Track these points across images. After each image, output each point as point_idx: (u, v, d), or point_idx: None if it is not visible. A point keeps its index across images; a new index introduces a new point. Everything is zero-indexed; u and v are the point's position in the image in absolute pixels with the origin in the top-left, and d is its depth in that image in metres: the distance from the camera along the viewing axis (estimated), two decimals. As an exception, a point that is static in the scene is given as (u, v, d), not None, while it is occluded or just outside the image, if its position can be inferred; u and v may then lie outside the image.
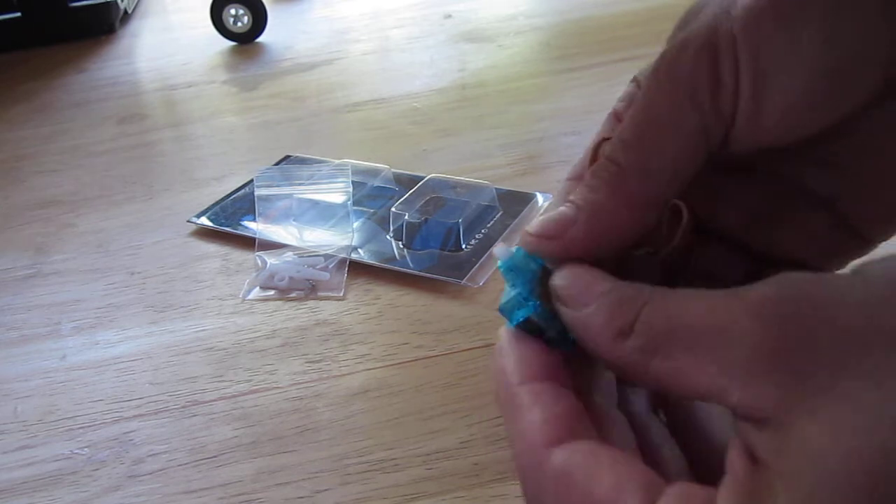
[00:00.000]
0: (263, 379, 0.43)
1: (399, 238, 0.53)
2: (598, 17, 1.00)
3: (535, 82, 0.84)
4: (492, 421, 0.37)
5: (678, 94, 0.23)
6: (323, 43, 1.05)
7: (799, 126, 0.23)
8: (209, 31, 1.06)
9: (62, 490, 0.37)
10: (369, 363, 0.43)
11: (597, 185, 0.24)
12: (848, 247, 0.26)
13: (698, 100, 0.23)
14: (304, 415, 0.40)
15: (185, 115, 0.86)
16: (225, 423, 0.40)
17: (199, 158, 0.73)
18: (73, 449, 0.39)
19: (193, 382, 0.43)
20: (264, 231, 0.56)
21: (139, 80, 1.00)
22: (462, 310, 0.46)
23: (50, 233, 0.62)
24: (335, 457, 0.37)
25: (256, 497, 0.35)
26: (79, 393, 0.43)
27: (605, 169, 0.24)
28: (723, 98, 0.23)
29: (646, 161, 0.24)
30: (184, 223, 0.60)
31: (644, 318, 0.19)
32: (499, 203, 0.55)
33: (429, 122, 0.75)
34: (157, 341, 0.47)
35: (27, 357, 0.47)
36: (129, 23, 1.27)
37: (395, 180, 0.61)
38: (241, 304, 0.49)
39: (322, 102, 0.84)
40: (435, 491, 0.34)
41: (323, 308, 0.48)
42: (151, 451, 0.38)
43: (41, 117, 0.90)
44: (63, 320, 0.50)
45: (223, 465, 0.37)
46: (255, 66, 1.00)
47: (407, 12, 1.15)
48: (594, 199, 0.24)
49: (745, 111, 0.23)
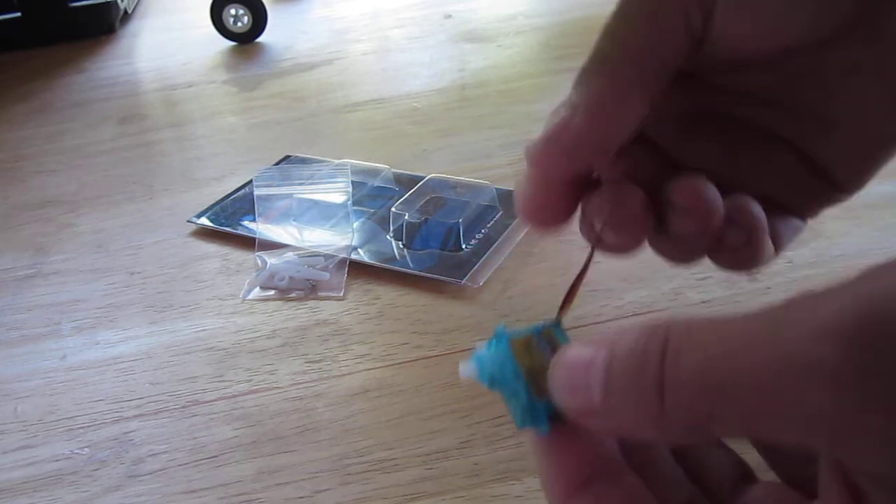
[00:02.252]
0: (263, 379, 0.43)
1: (399, 238, 0.53)
2: (598, 17, 1.00)
3: (535, 82, 0.84)
4: (492, 421, 0.38)
5: None
6: (323, 43, 1.05)
7: (773, 32, 0.24)
8: (209, 31, 1.07)
9: (62, 490, 0.37)
10: (369, 363, 0.43)
11: (588, 80, 0.25)
12: (819, 189, 0.27)
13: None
14: (304, 415, 0.40)
15: (185, 115, 0.86)
16: (225, 423, 0.40)
17: (199, 158, 0.73)
18: (73, 449, 0.39)
19: (193, 382, 0.43)
20: (264, 231, 0.56)
21: (139, 80, 1.00)
22: (462, 310, 0.46)
23: (50, 233, 0.62)
24: (335, 457, 0.37)
25: (256, 497, 0.35)
26: (79, 393, 0.43)
27: (599, 61, 0.25)
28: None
29: (635, 50, 0.24)
30: (184, 223, 0.60)
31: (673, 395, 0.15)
32: (499, 203, 0.55)
33: (429, 122, 0.75)
34: (157, 341, 0.47)
35: (27, 357, 0.47)
36: (129, 23, 1.27)
37: (395, 180, 0.61)
38: (241, 304, 0.49)
39: (322, 102, 0.84)
40: (435, 491, 0.34)
41: (323, 308, 0.48)
42: (151, 451, 0.39)
43: (41, 117, 0.90)
44: (63, 320, 0.50)
45: (223, 464, 0.37)
46: (255, 66, 1.00)
47: (407, 12, 1.15)
48: (588, 91, 0.24)
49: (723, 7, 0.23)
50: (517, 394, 0.20)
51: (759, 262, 0.26)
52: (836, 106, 0.25)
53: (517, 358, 0.20)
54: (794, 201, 0.28)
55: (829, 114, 0.25)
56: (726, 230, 0.25)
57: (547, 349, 0.21)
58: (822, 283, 0.14)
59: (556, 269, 0.49)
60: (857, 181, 0.27)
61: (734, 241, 0.25)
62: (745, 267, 0.26)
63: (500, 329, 0.21)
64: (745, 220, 0.25)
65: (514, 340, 0.20)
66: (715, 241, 0.25)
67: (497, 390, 0.20)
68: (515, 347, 0.20)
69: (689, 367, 0.15)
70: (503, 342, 0.20)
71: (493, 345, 0.21)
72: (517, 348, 0.20)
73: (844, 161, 0.26)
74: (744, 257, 0.26)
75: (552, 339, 0.21)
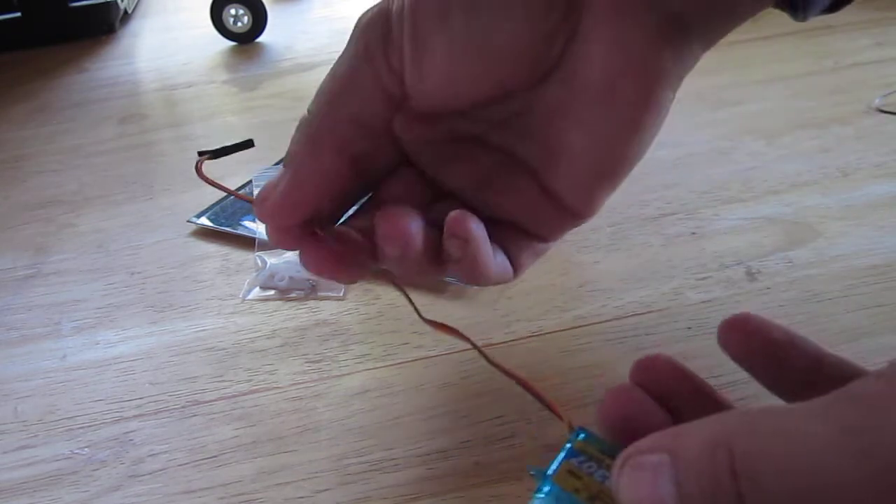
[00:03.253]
0: (263, 379, 0.43)
1: (399, 238, 0.53)
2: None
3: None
4: (492, 421, 0.38)
5: (358, 52, 0.27)
6: (323, 43, 1.05)
7: (460, 93, 0.27)
8: (209, 31, 1.07)
9: (62, 490, 0.37)
10: (369, 363, 0.43)
11: (296, 138, 0.28)
12: (556, 215, 0.30)
13: (372, 56, 0.27)
14: (304, 415, 0.40)
15: (185, 115, 0.86)
16: (225, 423, 0.40)
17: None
18: (73, 449, 0.39)
19: (193, 382, 0.43)
20: (264, 231, 0.56)
21: (139, 80, 1.00)
22: (462, 310, 0.46)
23: (50, 233, 0.62)
24: (335, 457, 0.37)
25: (256, 497, 0.35)
26: (79, 393, 0.43)
27: (304, 121, 0.28)
28: (392, 57, 0.26)
29: (333, 111, 0.27)
30: (184, 223, 0.60)
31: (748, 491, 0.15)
32: (499, 203, 0.55)
33: (429, 122, 0.74)
34: (157, 341, 0.47)
35: (27, 357, 0.47)
36: (129, 23, 1.27)
37: (395, 180, 0.61)
38: (241, 304, 0.49)
39: (322, 102, 0.84)
40: (435, 491, 0.34)
41: (323, 308, 0.48)
42: (151, 451, 0.39)
43: (41, 117, 0.90)
44: (63, 320, 0.50)
45: (223, 464, 0.37)
46: (255, 66, 1.00)
47: (407, 12, 1.14)
48: (294, 150, 0.28)
49: (411, 71, 0.26)
50: None
51: (486, 276, 0.28)
52: (552, 141, 0.27)
53: (570, 492, 0.20)
54: (536, 226, 0.30)
55: (553, 147, 0.28)
56: (447, 244, 0.27)
57: (592, 465, 0.20)
58: (821, 283, 0.14)
59: (556, 269, 0.49)
60: (589, 208, 0.30)
61: (452, 252, 0.27)
62: (474, 281, 0.28)
63: (534, 471, 0.20)
64: (461, 233, 0.26)
65: (558, 476, 0.20)
66: (435, 257, 0.28)
67: None
68: (562, 482, 0.20)
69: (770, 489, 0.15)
70: (547, 483, 0.20)
71: (541, 491, 0.20)
72: (564, 482, 0.20)
73: (572, 190, 0.29)
74: (466, 268, 0.27)
75: (588, 451, 0.21)
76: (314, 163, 0.27)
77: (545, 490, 0.20)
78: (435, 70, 0.26)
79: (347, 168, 0.27)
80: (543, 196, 0.29)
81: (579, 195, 0.29)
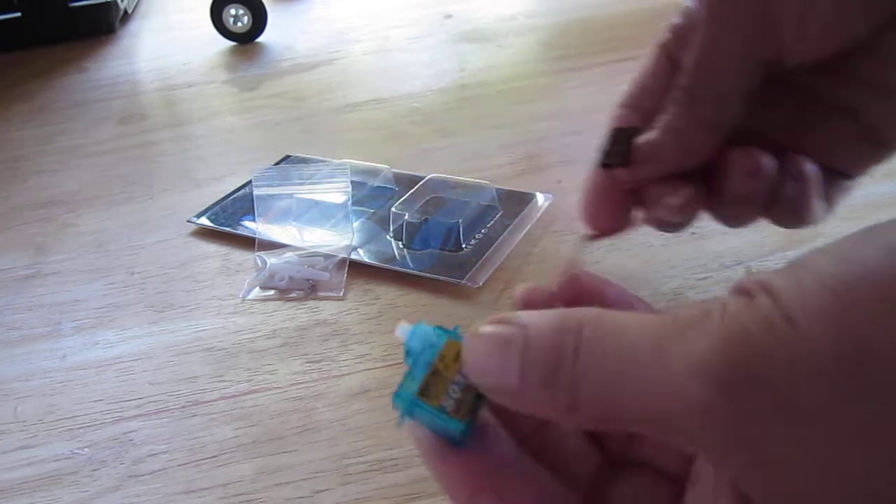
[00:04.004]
0: (263, 379, 0.43)
1: (399, 238, 0.53)
2: (598, 17, 1.00)
3: (535, 82, 0.84)
4: (492, 421, 0.37)
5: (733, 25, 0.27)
6: (323, 43, 1.05)
7: (835, 38, 0.27)
8: (209, 31, 1.06)
9: (62, 490, 0.37)
10: (369, 363, 0.43)
11: (678, 113, 0.29)
12: (869, 150, 0.30)
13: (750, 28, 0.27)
14: (304, 415, 0.40)
15: (185, 115, 0.86)
16: (225, 423, 0.40)
17: (199, 158, 0.73)
18: (73, 449, 0.39)
19: (193, 382, 0.43)
20: (264, 231, 0.56)
21: (139, 80, 1.00)
22: (462, 310, 0.46)
23: (50, 233, 0.62)
24: (335, 457, 0.37)
25: (256, 497, 0.35)
26: (79, 393, 0.43)
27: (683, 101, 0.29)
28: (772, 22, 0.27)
29: (716, 89, 0.28)
30: (184, 223, 0.60)
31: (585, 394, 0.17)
32: (499, 203, 0.55)
33: (429, 122, 0.75)
34: (157, 341, 0.47)
35: (27, 357, 0.47)
36: (129, 23, 1.27)
37: (395, 180, 0.61)
38: (241, 304, 0.49)
39: (322, 102, 0.84)
40: (435, 491, 0.34)
41: (323, 308, 0.48)
42: (151, 451, 0.39)
43: (41, 117, 0.90)
44: (63, 320, 0.50)
45: (223, 465, 0.37)
46: (255, 66, 1.00)
47: (407, 12, 1.15)
48: (676, 125, 0.29)
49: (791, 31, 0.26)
50: (415, 378, 0.20)
51: (812, 215, 0.30)
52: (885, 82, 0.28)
53: (440, 355, 0.20)
54: (846, 163, 0.31)
55: (887, 83, 0.28)
56: (783, 184, 0.29)
57: None
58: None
59: (556, 269, 0.49)
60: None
61: (790, 193, 0.29)
62: (799, 221, 0.30)
63: (456, 328, 0.21)
64: (798, 174, 0.29)
65: (453, 343, 0.21)
66: (771, 196, 0.29)
67: (405, 360, 0.21)
68: (448, 348, 0.21)
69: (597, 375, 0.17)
70: (443, 338, 0.21)
71: (439, 331, 0.21)
72: (448, 350, 0.21)
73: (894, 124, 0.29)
74: (798, 210, 0.30)
75: None
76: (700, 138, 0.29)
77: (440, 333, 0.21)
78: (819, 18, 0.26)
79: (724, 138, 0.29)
80: (857, 131, 0.30)
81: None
